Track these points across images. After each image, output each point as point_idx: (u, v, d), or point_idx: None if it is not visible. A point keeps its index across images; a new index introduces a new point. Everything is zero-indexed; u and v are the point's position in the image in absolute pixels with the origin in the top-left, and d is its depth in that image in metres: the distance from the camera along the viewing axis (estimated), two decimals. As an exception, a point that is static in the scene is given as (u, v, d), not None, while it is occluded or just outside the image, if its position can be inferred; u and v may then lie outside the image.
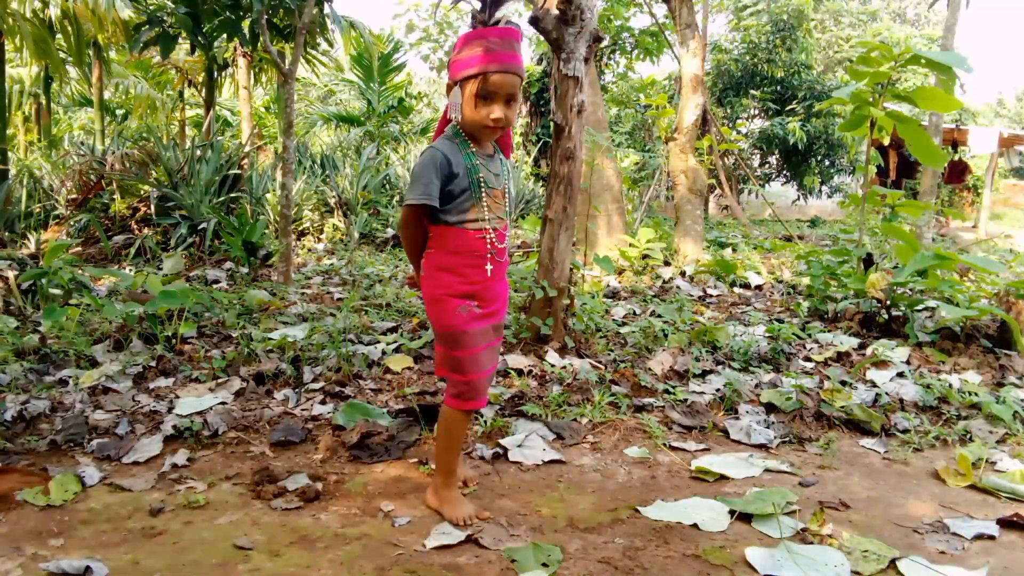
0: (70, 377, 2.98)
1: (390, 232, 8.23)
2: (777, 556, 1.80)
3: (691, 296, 5.33)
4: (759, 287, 5.88)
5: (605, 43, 13.24)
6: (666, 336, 3.83)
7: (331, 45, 11.04)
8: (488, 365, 1.99)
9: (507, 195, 2.00)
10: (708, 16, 13.76)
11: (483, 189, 1.90)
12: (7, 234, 6.68)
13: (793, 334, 3.90)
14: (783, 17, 15.00)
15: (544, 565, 1.74)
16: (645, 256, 6.56)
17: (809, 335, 4.05)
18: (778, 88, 15.25)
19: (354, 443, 2.41)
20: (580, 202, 3.85)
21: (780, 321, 4.41)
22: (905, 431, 2.75)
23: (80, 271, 4.74)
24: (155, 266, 5.74)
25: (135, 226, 6.87)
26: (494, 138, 1.97)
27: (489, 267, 1.94)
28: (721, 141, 10.03)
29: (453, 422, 1.99)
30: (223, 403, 2.75)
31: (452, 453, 2.02)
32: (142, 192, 7.05)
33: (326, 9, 6.68)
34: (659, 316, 4.38)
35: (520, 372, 3.12)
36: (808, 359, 3.62)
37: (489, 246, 1.93)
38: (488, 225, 1.92)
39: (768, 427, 2.75)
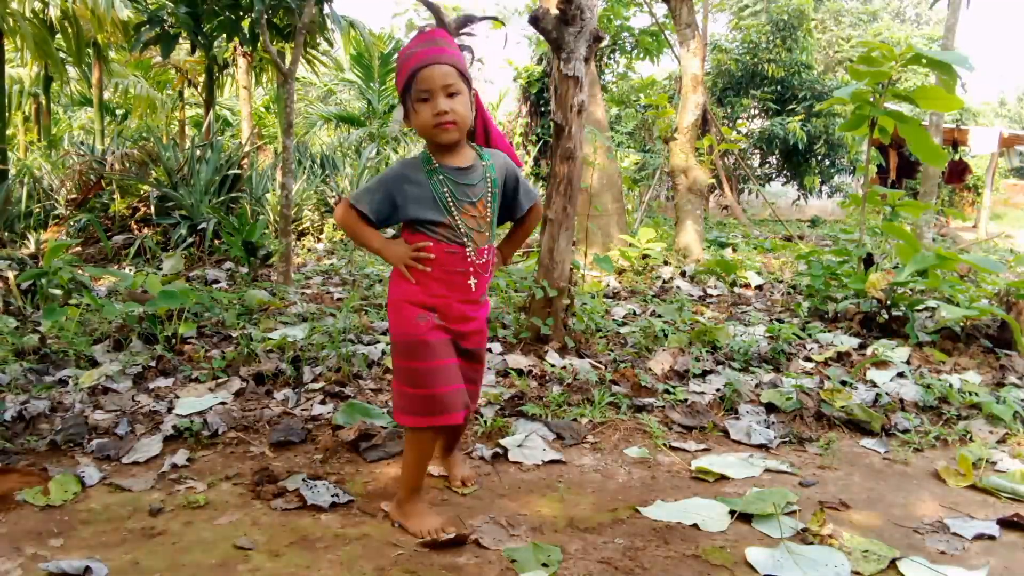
0: (70, 377, 2.98)
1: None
2: (777, 556, 1.80)
3: (691, 296, 5.33)
4: (759, 287, 5.87)
5: (605, 43, 13.24)
6: (666, 336, 3.83)
7: (331, 45, 11.06)
8: (455, 381, 1.83)
9: (490, 208, 1.87)
10: (708, 16, 13.78)
11: (452, 205, 1.81)
12: (7, 234, 6.68)
13: (793, 334, 3.89)
14: (783, 17, 15.00)
15: (544, 565, 1.73)
16: (645, 256, 6.56)
17: (809, 335, 4.05)
18: (778, 88, 15.25)
19: (349, 441, 2.40)
20: (580, 202, 3.85)
21: (780, 321, 4.40)
22: (905, 431, 2.75)
23: (80, 271, 4.74)
24: (155, 266, 5.74)
25: (135, 226, 6.87)
26: (454, 138, 1.80)
27: (462, 282, 1.84)
28: (721, 141, 10.03)
29: (410, 441, 1.85)
30: (223, 403, 2.75)
31: (419, 470, 1.89)
32: (142, 192, 7.05)
33: (326, 9, 6.68)
34: (659, 316, 4.38)
35: (520, 372, 3.12)
36: (808, 359, 3.62)
37: (466, 261, 1.84)
38: (461, 240, 1.83)
39: (768, 427, 2.75)
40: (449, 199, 1.82)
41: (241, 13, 6.14)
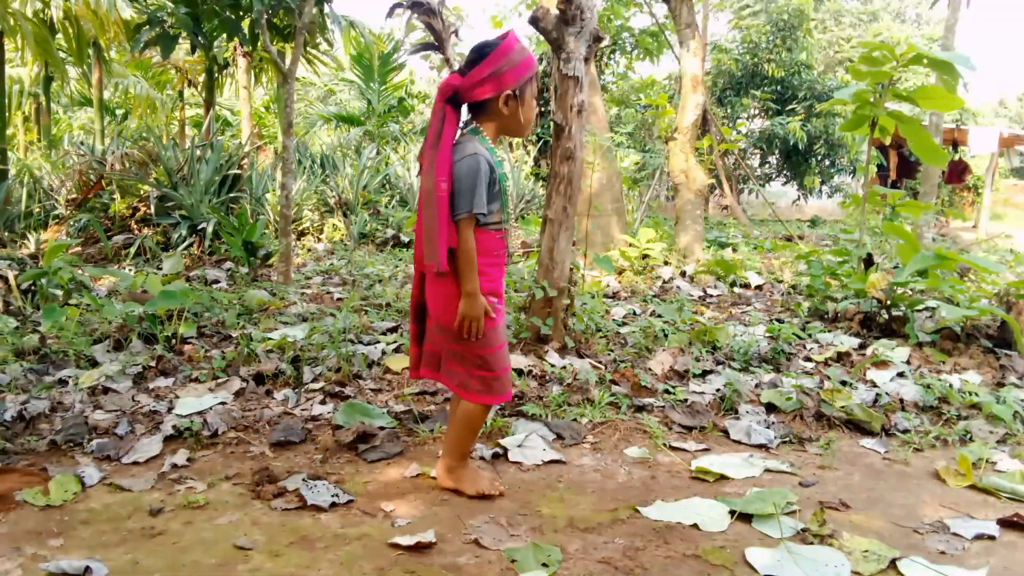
0: (70, 377, 2.98)
1: (390, 232, 8.23)
2: (777, 556, 1.80)
3: (691, 296, 5.33)
4: (759, 287, 5.87)
5: (605, 43, 13.24)
6: (666, 336, 3.83)
7: (331, 45, 11.05)
8: (509, 360, 2.11)
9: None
10: (708, 16, 13.77)
11: (508, 196, 2.04)
12: (7, 234, 6.68)
13: (793, 334, 3.89)
14: (783, 17, 14.99)
15: (544, 565, 1.73)
16: (645, 256, 6.56)
17: (809, 335, 4.05)
18: (778, 88, 15.23)
19: (348, 442, 2.40)
20: (580, 202, 3.85)
21: (780, 321, 4.40)
22: (905, 431, 2.75)
23: (80, 271, 4.74)
24: (155, 266, 5.74)
25: (135, 226, 6.87)
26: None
27: (504, 263, 2.08)
28: (721, 141, 10.03)
29: (476, 416, 2.08)
30: (223, 403, 2.75)
31: (470, 441, 2.13)
32: (142, 192, 7.05)
33: (326, 9, 6.68)
34: (659, 316, 4.38)
35: (520, 372, 3.11)
36: (808, 359, 3.62)
37: (504, 243, 2.05)
38: (505, 225, 2.05)
39: (768, 427, 2.75)
40: (507, 187, 2.04)
41: (241, 13, 6.14)
